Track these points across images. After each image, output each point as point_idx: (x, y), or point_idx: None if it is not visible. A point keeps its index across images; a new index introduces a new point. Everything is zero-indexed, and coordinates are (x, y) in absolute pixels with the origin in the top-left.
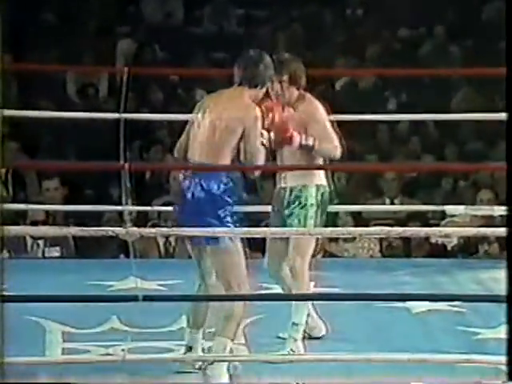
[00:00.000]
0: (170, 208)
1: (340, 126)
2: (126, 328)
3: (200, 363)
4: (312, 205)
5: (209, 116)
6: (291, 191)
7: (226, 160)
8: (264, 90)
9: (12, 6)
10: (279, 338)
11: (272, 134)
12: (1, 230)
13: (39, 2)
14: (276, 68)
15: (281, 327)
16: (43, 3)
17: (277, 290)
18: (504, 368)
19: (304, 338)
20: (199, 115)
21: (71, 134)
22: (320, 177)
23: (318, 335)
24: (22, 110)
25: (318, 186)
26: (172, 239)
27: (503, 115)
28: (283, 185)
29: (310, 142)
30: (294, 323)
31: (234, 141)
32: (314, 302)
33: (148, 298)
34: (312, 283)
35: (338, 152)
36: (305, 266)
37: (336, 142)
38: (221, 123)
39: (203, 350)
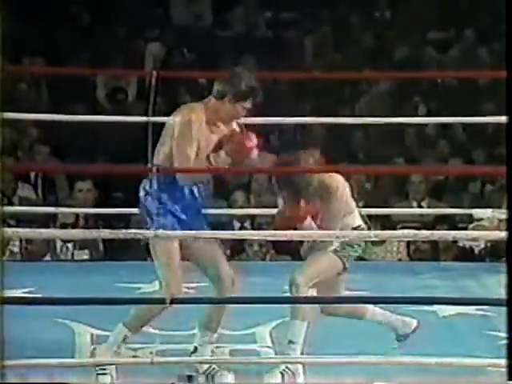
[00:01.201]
0: None
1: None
2: (154, 330)
3: (206, 367)
4: None
5: None
6: None
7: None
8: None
9: (44, 12)
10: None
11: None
12: (1, 233)
13: (70, 7)
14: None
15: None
16: (74, 8)
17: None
18: None
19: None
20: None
21: (101, 137)
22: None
23: (411, 330)
24: (53, 114)
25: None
26: None
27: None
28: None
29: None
30: (290, 341)
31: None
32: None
33: (175, 301)
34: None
35: None
36: (305, 288)
37: None
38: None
39: (212, 353)
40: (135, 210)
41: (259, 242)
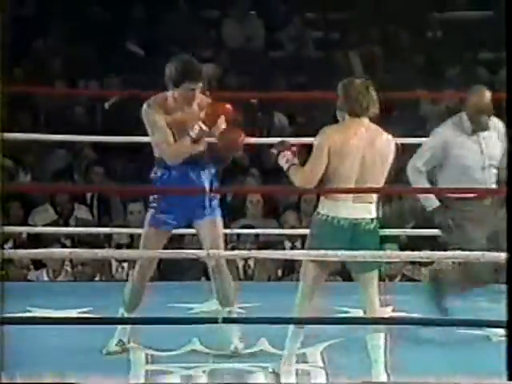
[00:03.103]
0: (249, 230)
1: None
2: (207, 350)
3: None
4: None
5: None
6: None
7: None
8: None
9: (99, 33)
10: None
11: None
12: (1, 253)
13: (123, 31)
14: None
15: (359, 350)
16: (127, 32)
17: (353, 313)
18: None
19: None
20: None
21: (154, 157)
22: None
23: None
24: (108, 136)
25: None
26: (251, 262)
27: None
28: None
29: None
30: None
31: None
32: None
33: (228, 321)
34: (390, 307)
35: None
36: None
37: None
38: None
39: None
40: (188, 231)
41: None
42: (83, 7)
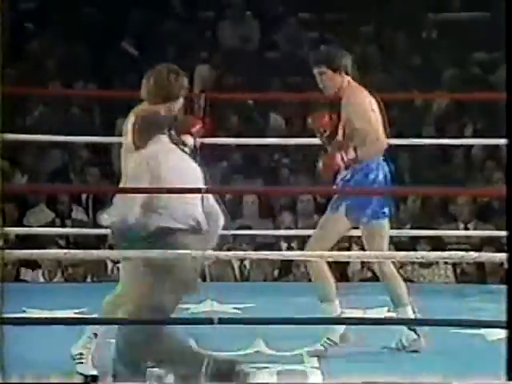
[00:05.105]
0: (245, 231)
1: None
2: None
3: None
4: None
5: None
6: None
7: None
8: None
9: (95, 36)
10: None
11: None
12: (1, 253)
13: (119, 31)
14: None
15: (354, 351)
16: (124, 29)
17: (348, 313)
18: None
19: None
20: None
21: None
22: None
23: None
24: (104, 137)
25: None
26: (247, 262)
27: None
28: None
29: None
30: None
31: None
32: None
33: (223, 321)
34: (385, 308)
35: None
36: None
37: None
38: None
39: None
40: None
41: (306, 263)
42: (78, 8)
